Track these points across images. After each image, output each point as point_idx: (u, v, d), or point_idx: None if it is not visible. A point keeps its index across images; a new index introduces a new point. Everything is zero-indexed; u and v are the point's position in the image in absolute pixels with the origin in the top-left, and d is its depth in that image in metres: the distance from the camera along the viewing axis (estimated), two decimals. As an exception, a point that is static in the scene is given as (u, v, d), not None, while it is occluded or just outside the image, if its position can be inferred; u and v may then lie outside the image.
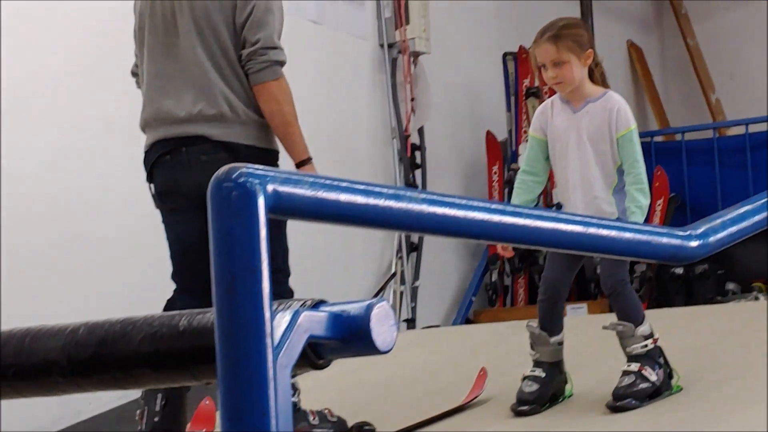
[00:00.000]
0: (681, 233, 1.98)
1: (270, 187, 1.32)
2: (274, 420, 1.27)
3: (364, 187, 1.44)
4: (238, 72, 3.97)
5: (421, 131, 7.48)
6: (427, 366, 4.91)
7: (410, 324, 7.09)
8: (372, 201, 1.44)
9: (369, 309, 1.35)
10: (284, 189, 1.34)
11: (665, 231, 1.98)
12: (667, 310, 6.27)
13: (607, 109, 3.94)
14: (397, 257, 7.20)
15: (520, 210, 1.72)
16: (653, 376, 3.86)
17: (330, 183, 1.40)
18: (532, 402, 3.95)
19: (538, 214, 1.72)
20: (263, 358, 1.28)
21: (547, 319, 3.98)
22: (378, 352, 1.35)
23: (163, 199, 4.05)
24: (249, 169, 1.31)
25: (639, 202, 3.85)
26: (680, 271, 7.93)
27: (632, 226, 2.00)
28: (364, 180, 1.51)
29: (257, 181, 1.31)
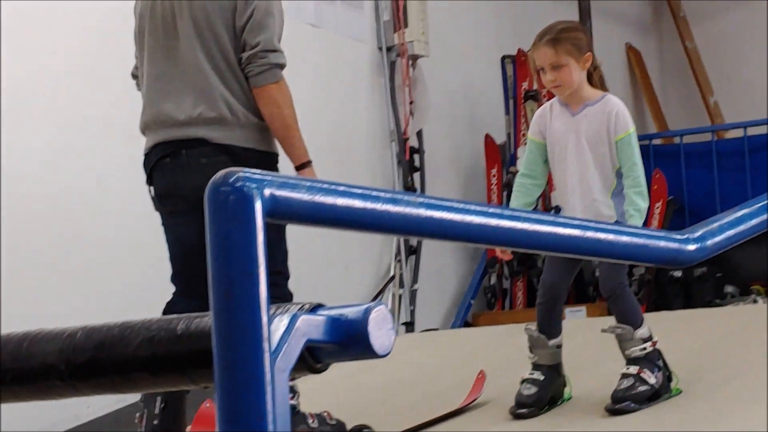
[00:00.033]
0: (679, 237, 1.98)
1: (267, 191, 1.32)
2: (271, 424, 1.27)
3: (361, 191, 1.43)
4: (238, 75, 3.97)
5: (419, 134, 7.48)
6: (426, 369, 4.91)
7: (409, 327, 7.08)
8: (369, 205, 1.43)
9: (367, 313, 1.35)
10: (281, 193, 1.34)
11: (663, 234, 1.99)
12: (666, 313, 6.27)
13: (605, 112, 3.94)
14: (396, 260, 7.20)
15: (518, 214, 1.72)
16: (652, 379, 3.86)
17: (327, 187, 1.39)
18: (530, 405, 3.95)
19: (536, 218, 1.72)
20: (260, 362, 1.27)
21: (545, 322, 3.98)
22: (376, 355, 1.35)
23: (162, 202, 4.05)
24: (246, 173, 1.31)
25: (637, 205, 3.85)
26: (679, 274, 7.92)
27: (630, 230, 2.00)
28: (363, 183, 1.51)
29: (254, 185, 1.31)
